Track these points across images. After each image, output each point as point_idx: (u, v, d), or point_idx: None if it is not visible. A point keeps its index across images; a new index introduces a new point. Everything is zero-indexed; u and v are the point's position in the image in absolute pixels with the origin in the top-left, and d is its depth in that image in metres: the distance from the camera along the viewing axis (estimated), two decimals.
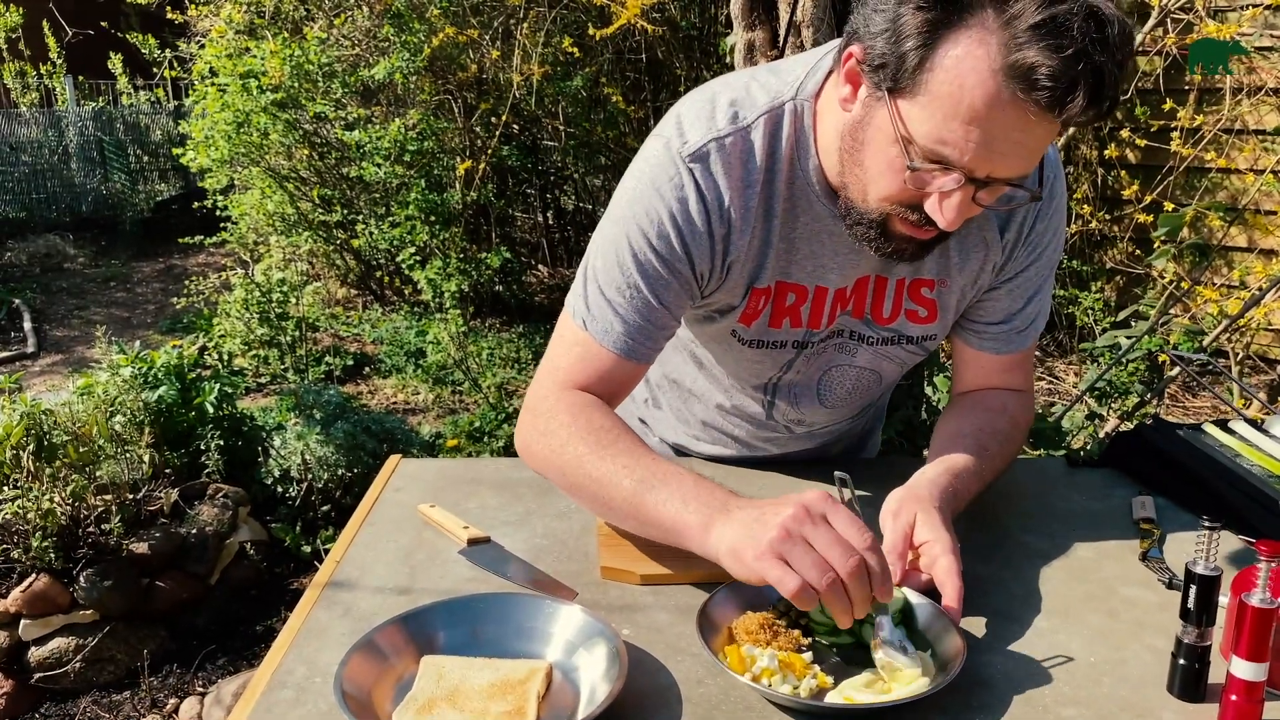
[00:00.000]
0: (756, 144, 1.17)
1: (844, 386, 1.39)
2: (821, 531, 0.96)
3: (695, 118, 1.19)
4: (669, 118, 1.22)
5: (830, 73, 1.17)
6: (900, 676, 0.97)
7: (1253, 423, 1.47)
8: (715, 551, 1.02)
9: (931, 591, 1.08)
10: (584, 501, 1.20)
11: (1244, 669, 0.91)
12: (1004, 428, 1.33)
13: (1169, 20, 4.19)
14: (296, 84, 5.37)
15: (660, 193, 1.18)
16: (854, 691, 0.98)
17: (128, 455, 3.08)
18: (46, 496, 2.77)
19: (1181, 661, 0.98)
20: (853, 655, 1.03)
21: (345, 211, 5.92)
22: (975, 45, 0.96)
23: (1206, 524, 0.95)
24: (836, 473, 1.11)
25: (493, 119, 5.60)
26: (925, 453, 1.38)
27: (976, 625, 1.10)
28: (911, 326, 1.31)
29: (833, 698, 0.97)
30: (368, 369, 5.45)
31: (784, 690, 0.95)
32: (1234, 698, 0.92)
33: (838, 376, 1.37)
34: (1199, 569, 0.95)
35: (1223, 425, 1.48)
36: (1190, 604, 0.96)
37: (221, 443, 3.45)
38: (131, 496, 3.04)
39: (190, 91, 6.15)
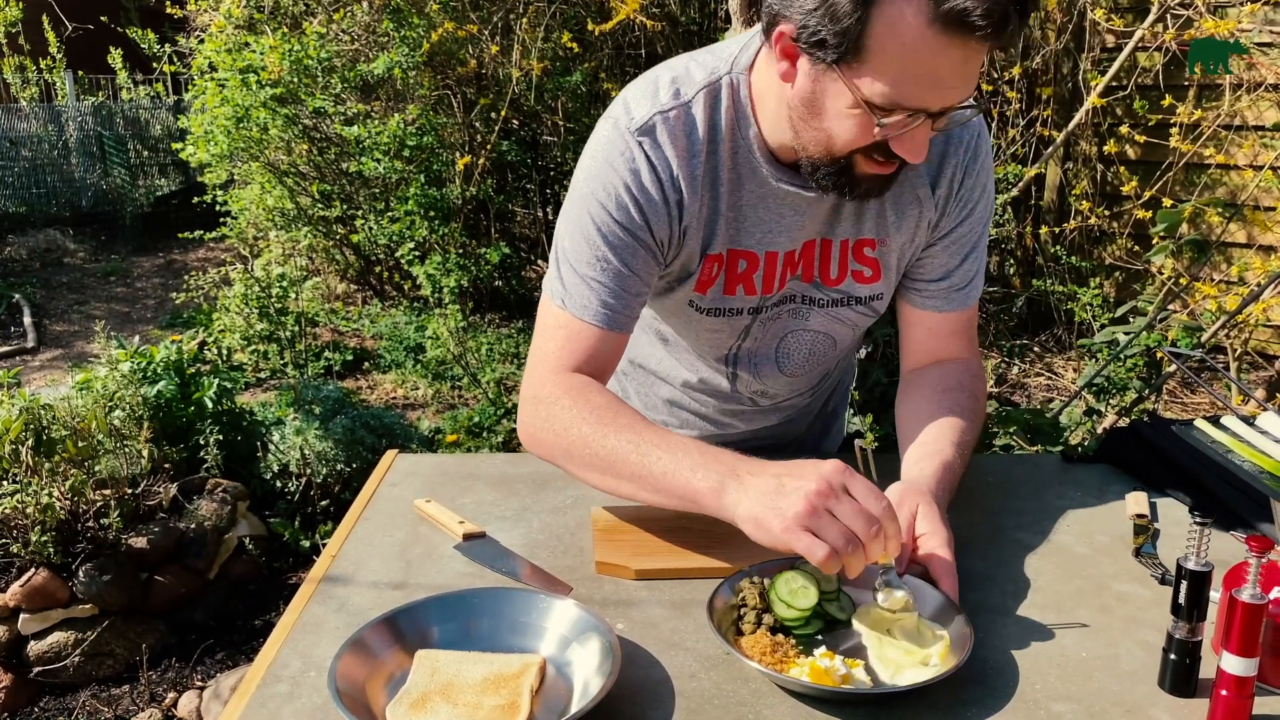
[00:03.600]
0: (697, 117, 1.23)
1: (800, 352, 1.43)
2: (845, 504, 1.01)
3: (639, 97, 1.26)
4: (616, 102, 1.28)
5: (762, 48, 1.23)
6: (903, 617, 1.05)
7: (1245, 419, 1.47)
8: (731, 515, 1.07)
9: (927, 580, 1.11)
10: (594, 481, 1.22)
11: (1234, 664, 0.91)
12: (969, 405, 1.36)
13: (1168, 16, 4.19)
14: (296, 79, 5.36)
15: (614, 167, 1.24)
16: (879, 664, 1.02)
17: (127, 450, 3.09)
18: (45, 491, 2.77)
19: (1173, 657, 0.98)
20: (814, 642, 1.05)
21: (345, 207, 5.92)
22: (905, 5, 1.01)
23: (1197, 520, 0.96)
24: (857, 442, 1.16)
25: (492, 114, 5.59)
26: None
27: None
28: (859, 287, 1.36)
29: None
30: (367, 364, 5.45)
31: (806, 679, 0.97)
32: (1224, 693, 0.92)
33: (793, 342, 1.41)
34: (1190, 565, 0.96)
35: (1215, 421, 1.49)
36: (1181, 599, 0.96)
37: (220, 438, 3.46)
38: (130, 491, 3.05)
39: (190, 86, 6.14)
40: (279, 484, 3.59)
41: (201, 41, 5.80)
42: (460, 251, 5.63)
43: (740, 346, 1.41)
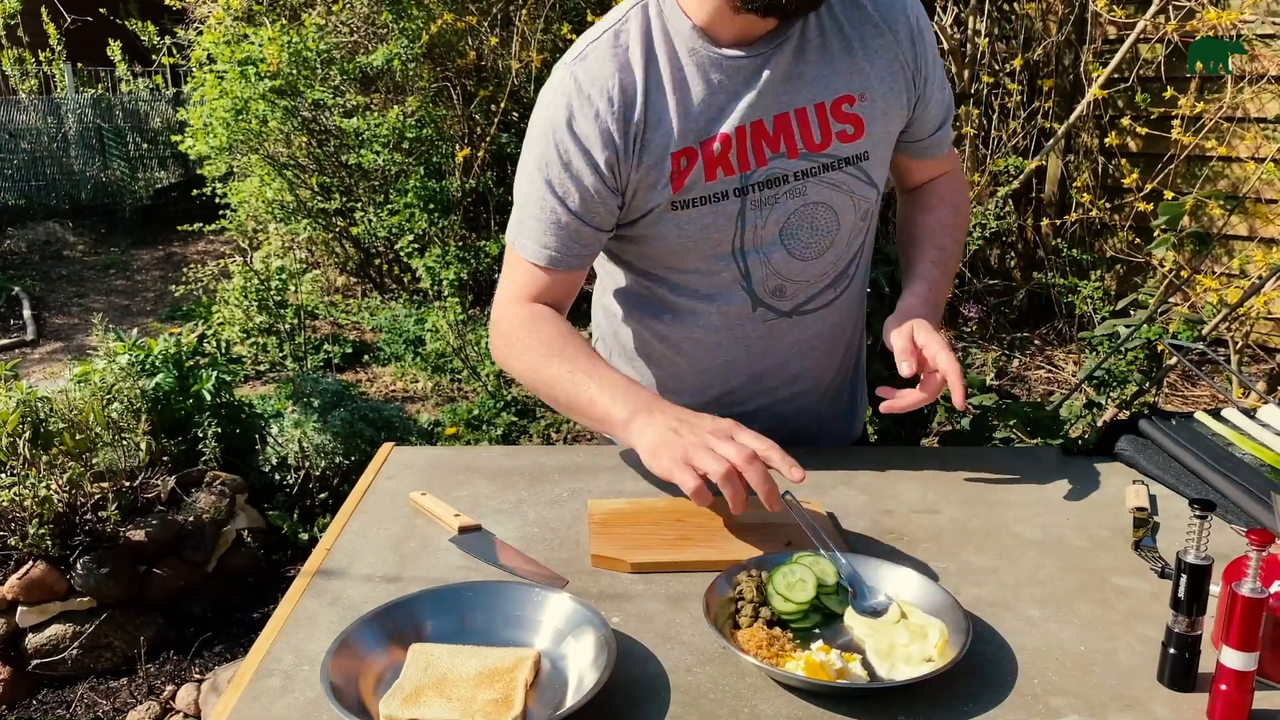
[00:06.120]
0: (631, 30, 1.32)
1: (804, 230, 1.43)
2: (727, 445, 1.14)
3: (580, 39, 1.37)
4: None
5: None
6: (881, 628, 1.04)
7: (1246, 411, 1.46)
8: (634, 443, 1.22)
9: (927, 571, 1.11)
10: (542, 398, 1.41)
11: (1234, 658, 0.91)
12: (949, 219, 1.52)
13: (1171, 7, 4.18)
14: (295, 71, 5.35)
15: (553, 106, 1.33)
16: (876, 658, 1.00)
17: (125, 443, 3.08)
18: (43, 484, 2.77)
19: (1172, 651, 0.97)
20: (811, 636, 1.04)
21: (344, 199, 5.91)
22: None
23: (1197, 513, 0.95)
24: (784, 492, 1.21)
25: (492, 106, 5.58)
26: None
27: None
28: (843, 146, 1.39)
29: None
30: (366, 357, 5.44)
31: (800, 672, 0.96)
32: (1224, 687, 0.92)
33: (796, 221, 1.42)
34: (1190, 558, 0.95)
35: (1215, 414, 1.48)
36: (1181, 593, 0.96)
37: (219, 430, 3.45)
38: (128, 484, 3.04)
39: (189, 79, 6.13)
40: (277, 477, 3.59)
41: (200, 33, 5.78)
42: (460, 244, 5.62)
43: (743, 239, 1.41)
